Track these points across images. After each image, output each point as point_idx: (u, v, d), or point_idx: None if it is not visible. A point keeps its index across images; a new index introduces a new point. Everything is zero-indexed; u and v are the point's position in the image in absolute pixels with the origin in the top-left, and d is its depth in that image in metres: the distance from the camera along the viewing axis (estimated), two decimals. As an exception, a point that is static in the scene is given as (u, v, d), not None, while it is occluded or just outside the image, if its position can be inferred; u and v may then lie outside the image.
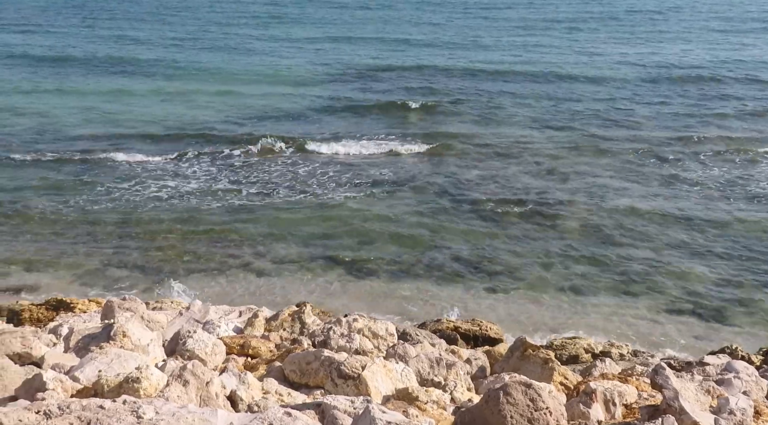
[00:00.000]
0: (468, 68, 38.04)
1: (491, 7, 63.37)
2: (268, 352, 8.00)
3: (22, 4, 61.06)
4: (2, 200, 19.98)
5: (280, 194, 20.93)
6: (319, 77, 35.88)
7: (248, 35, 48.20)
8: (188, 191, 21.05)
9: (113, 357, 6.23)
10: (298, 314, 9.44)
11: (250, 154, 24.54)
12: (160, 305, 10.74)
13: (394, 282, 16.21)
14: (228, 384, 6.20)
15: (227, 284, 15.99)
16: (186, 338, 7.35)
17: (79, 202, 20.04)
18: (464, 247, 17.74)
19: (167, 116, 28.85)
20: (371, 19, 55.98)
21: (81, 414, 4.70)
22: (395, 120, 28.88)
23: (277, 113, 29.49)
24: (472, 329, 11.97)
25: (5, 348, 6.53)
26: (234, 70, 37.38)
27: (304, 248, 17.57)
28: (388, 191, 21.37)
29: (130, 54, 41.01)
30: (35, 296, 14.74)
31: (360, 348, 8.12)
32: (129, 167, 22.99)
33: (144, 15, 56.95)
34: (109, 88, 33.22)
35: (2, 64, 37.96)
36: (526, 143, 25.82)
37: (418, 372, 7.18)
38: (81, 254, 17.14)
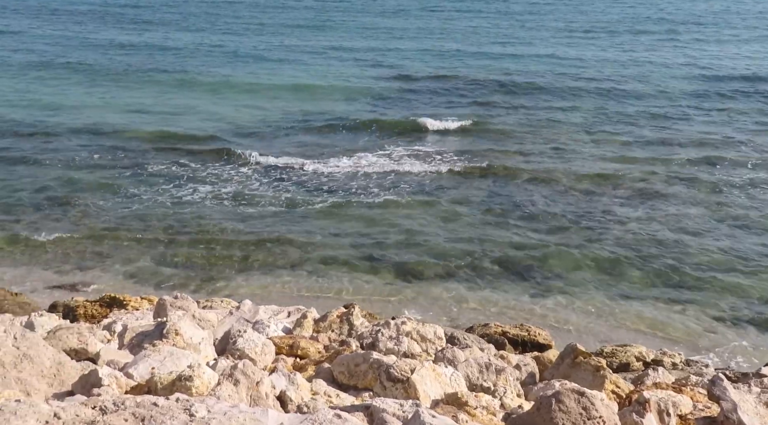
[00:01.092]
0: (509, 74, 37.76)
1: (529, 12, 62.80)
2: (316, 353, 8.03)
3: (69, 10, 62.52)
4: (58, 198, 20.45)
5: (326, 198, 21.00)
6: (360, 84, 35.92)
7: (291, 43, 48.55)
8: (235, 193, 21.27)
9: (166, 354, 6.31)
10: (347, 315, 9.45)
11: (296, 158, 24.68)
12: (210, 304, 10.86)
13: (441, 286, 16.14)
14: (278, 384, 6.23)
15: (275, 285, 16.11)
16: (236, 337, 7.42)
17: (132, 201, 20.42)
18: (511, 253, 17.57)
19: (214, 121, 29.17)
20: (408, 28, 55.86)
21: (135, 410, 4.75)
22: (438, 129, 28.73)
23: (318, 118, 29.61)
24: (521, 334, 11.84)
25: (62, 344, 6.67)
26: (273, 77, 37.66)
27: (351, 251, 17.61)
28: (435, 196, 21.28)
29: (175, 60, 41.64)
30: (89, 293, 15.04)
31: (408, 351, 8.09)
32: (179, 169, 23.34)
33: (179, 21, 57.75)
34: (158, 91, 33.77)
35: (58, 66, 38.87)
36: (572, 150, 25.46)
37: (467, 377, 7.12)
38: (133, 252, 17.45)
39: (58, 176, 22.13)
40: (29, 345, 5.92)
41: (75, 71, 37.30)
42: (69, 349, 6.72)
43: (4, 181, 21.69)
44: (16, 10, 60.40)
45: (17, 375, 5.62)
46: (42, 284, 15.86)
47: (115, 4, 64.79)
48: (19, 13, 58.58)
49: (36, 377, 5.71)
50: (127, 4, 64.71)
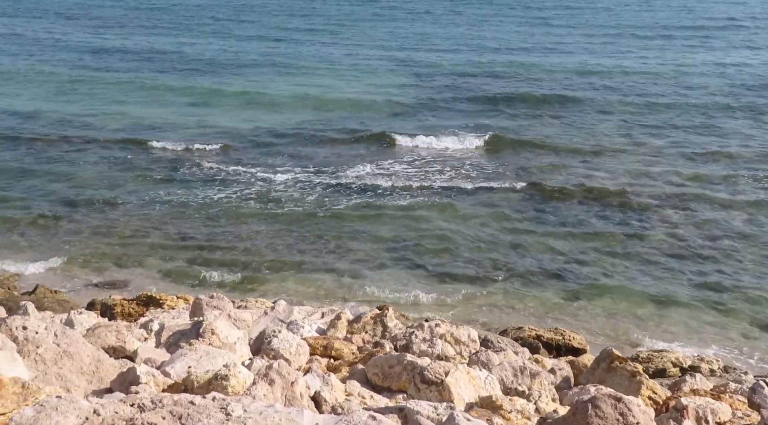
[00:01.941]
0: (549, 72, 37.52)
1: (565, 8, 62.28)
2: (350, 354, 8.04)
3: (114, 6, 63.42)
4: (95, 199, 20.76)
5: (360, 202, 21.03)
6: (397, 79, 35.99)
7: (331, 34, 48.77)
8: (271, 192, 21.41)
9: (202, 353, 6.37)
10: (380, 317, 9.45)
11: (332, 155, 24.79)
12: (245, 304, 10.94)
13: (474, 288, 16.08)
14: (312, 384, 6.25)
15: (308, 286, 16.18)
16: (271, 337, 7.46)
17: (168, 203, 20.65)
18: (546, 255, 17.47)
19: (246, 124, 29.38)
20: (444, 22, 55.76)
21: (173, 408, 4.80)
22: (478, 123, 28.66)
23: (341, 127, 29.66)
24: (555, 338, 11.76)
25: (101, 342, 6.77)
26: (313, 69, 37.90)
27: (384, 254, 17.63)
28: (468, 201, 21.20)
29: (218, 55, 42.06)
30: (126, 291, 15.24)
31: (442, 354, 8.07)
32: (216, 167, 23.55)
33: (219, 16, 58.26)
34: (201, 88, 34.15)
35: (99, 61, 39.44)
36: (614, 150, 25.20)
37: (502, 381, 7.08)
38: (169, 252, 17.65)
39: (96, 178, 22.47)
40: (69, 342, 6.01)
41: (110, 76, 37.82)
42: (107, 347, 6.82)
43: (43, 182, 22.09)
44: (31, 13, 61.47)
45: (58, 372, 5.71)
46: (80, 282, 16.12)
47: (150, 6, 65.60)
48: (34, 16, 59.57)
49: (76, 374, 5.80)
50: (159, 6, 65.48)
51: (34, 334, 5.92)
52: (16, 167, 23.18)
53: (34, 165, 23.46)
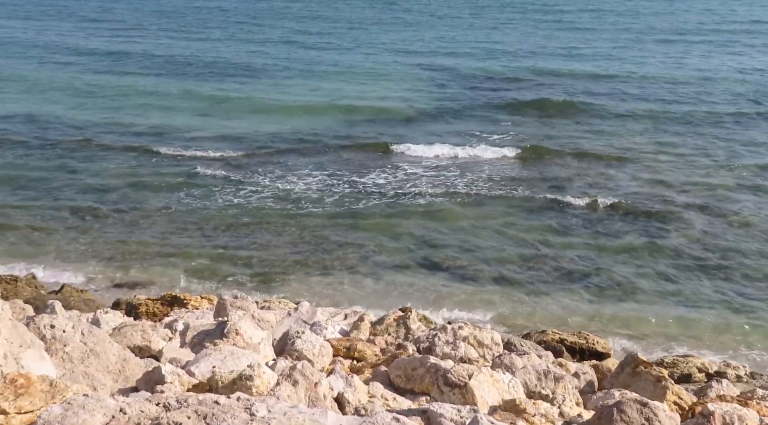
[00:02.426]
0: (571, 76, 37.30)
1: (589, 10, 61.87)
2: (373, 356, 8.05)
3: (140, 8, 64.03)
4: (120, 199, 20.97)
5: (382, 202, 21.04)
6: (421, 82, 35.99)
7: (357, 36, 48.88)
8: (291, 195, 21.47)
9: (227, 354, 6.41)
10: (403, 319, 9.46)
11: (355, 157, 24.82)
12: (269, 304, 10.99)
13: (497, 291, 16.02)
14: (335, 385, 6.27)
15: (331, 287, 16.20)
16: (295, 338, 7.49)
17: (192, 203, 20.80)
18: (570, 257, 17.36)
19: (270, 122, 29.53)
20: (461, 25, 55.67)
21: (198, 408, 4.83)
22: (501, 125, 28.59)
23: (377, 117, 29.76)
24: (579, 342, 11.67)
25: (127, 341, 6.84)
26: (333, 74, 38.00)
27: (407, 255, 17.62)
28: (492, 202, 21.13)
29: (238, 59, 42.31)
30: (150, 291, 15.36)
31: (465, 357, 8.06)
32: (236, 171, 23.66)
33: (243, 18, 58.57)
34: (221, 93, 34.35)
35: (127, 64, 39.85)
36: (638, 156, 24.98)
37: (525, 384, 7.05)
38: (193, 252, 17.76)
39: (120, 181, 22.64)
40: (96, 341, 6.07)
41: (130, 79, 38.17)
42: (133, 346, 6.88)
43: (66, 185, 22.31)
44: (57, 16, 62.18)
45: (84, 370, 5.77)
46: (105, 282, 16.27)
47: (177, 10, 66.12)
48: (62, 19, 60.21)
49: (102, 372, 5.86)
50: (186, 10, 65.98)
51: (61, 333, 5.99)
52: (39, 171, 23.44)
53: (57, 169, 23.69)
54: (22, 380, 4.77)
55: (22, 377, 4.79)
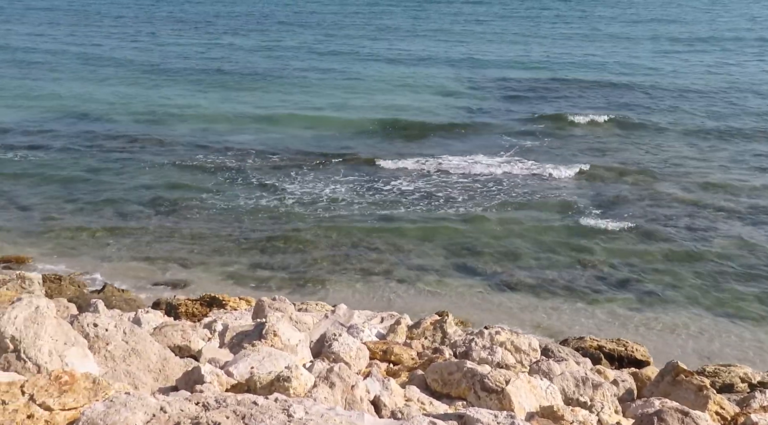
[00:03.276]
0: (612, 86, 36.88)
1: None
2: (410, 360, 8.04)
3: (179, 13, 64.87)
4: (162, 200, 21.27)
5: (420, 206, 21.04)
6: (461, 89, 35.90)
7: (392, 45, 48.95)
8: (331, 199, 21.57)
9: (265, 355, 6.45)
10: (440, 323, 9.43)
11: (392, 165, 24.82)
12: (306, 306, 11.05)
13: (534, 296, 15.91)
14: (372, 388, 6.28)
15: (367, 290, 16.23)
16: (332, 340, 7.51)
17: (232, 205, 21.01)
18: (609, 265, 17.15)
19: (311, 128, 29.71)
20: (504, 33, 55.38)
21: (236, 408, 4.87)
22: (536, 136, 28.38)
23: (414, 124, 29.73)
24: (617, 349, 11.55)
25: (167, 340, 6.93)
26: (370, 81, 38.08)
27: (444, 259, 17.59)
28: (531, 206, 21.00)
29: (273, 64, 42.69)
30: (189, 291, 15.54)
31: (502, 362, 8.01)
32: (277, 174, 23.84)
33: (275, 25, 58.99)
34: (264, 99, 34.67)
35: (168, 70, 40.44)
36: (681, 161, 24.62)
37: (563, 391, 6.99)
38: (231, 253, 17.94)
39: (163, 179, 23.02)
40: (137, 341, 6.17)
41: (180, 77, 38.71)
42: (173, 346, 6.97)
43: (112, 182, 22.74)
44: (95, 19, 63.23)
45: (126, 369, 5.86)
46: (146, 282, 16.50)
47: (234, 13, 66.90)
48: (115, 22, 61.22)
49: (143, 371, 5.94)
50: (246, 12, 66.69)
51: (104, 331, 6.10)
52: (84, 173, 23.88)
53: (100, 172, 24.11)
54: (66, 377, 4.86)
55: (67, 374, 4.88)
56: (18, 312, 5.43)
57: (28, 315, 5.46)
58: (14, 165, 24.36)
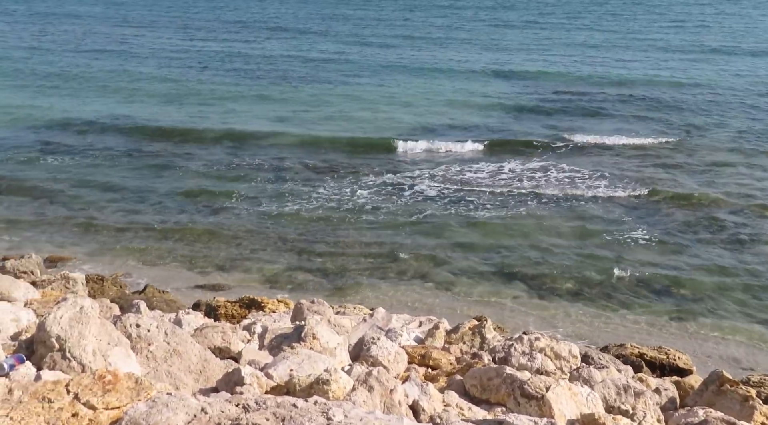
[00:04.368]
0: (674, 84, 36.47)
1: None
2: (448, 364, 8.01)
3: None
4: (200, 201, 21.50)
5: (458, 210, 20.95)
6: (496, 97, 35.77)
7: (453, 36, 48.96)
8: (368, 203, 21.58)
9: (304, 357, 6.48)
10: (479, 328, 9.38)
11: (427, 171, 24.77)
12: (344, 309, 11.06)
13: (573, 302, 15.73)
14: (410, 393, 6.26)
15: (404, 294, 16.19)
16: (370, 344, 7.52)
17: (270, 207, 21.16)
18: (649, 272, 16.89)
19: (351, 127, 29.84)
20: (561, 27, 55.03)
21: (276, 410, 4.89)
22: (576, 144, 28.10)
23: (449, 130, 29.68)
24: (659, 357, 11.35)
25: (208, 342, 6.99)
26: (425, 76, 38.14)
27: (481, 263, 17.48)
28: (569, 211, 20.80)
29: (323, 61, 42.96)
30: (228, 293, 15.66)
31: (542, 368, 7.94)
32: (315, 178, 23.95)
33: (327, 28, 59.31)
34: (305, 97, 34.92)
35: (204, 75, 40.90)
36: (717, 169, 24.14)
37: (604, 398, 6.89)
38: (269, 255, 18.05)
39: (202, 183, 23.26)
40: (178, 341, 6.23)
41: (216, 82, 39.12)
42: (213, 347, 7.03)
43: (152, 185, 23.06)
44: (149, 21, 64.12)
45: (167, 369, 5.93)
46: (185, 283, 16.67)
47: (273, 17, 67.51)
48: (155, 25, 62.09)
49: (184, 372, 6.00)
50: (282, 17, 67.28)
51: (146, 332, 6.18)
52: (123, 173, 24.28)
53: (141, 172, 24.48)
54: (109, 376, 4.93)
55: (110, 374, 4.95)
56: (63, 312, 5.53)
57: (73, 315, 5.56)
58: (57, 168, 24.83)
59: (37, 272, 13.53)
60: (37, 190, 22.54)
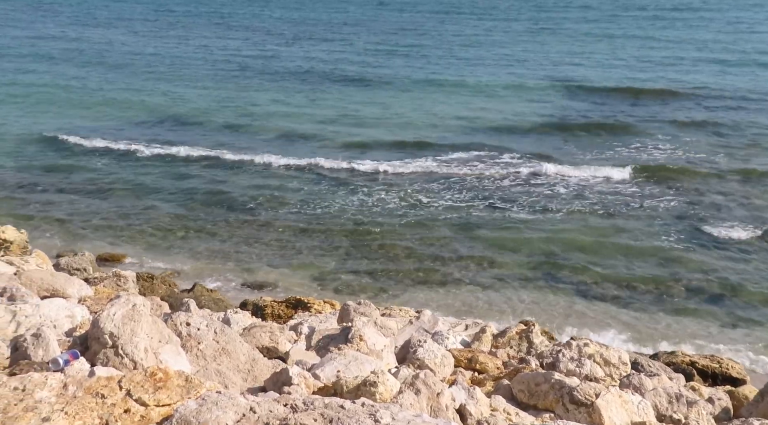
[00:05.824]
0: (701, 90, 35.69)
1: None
2: (495, 369, 7.94)
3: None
4: (249, 202, 21.71)
5: (506, 213, 20.79)
6: (556, 93, 35.42)
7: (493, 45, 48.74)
8: (418, 202, 21.57)
9: (351, 359, 6.48)
10: (526, 333, 9.28)
11: (481, 169, 24.68)
12: (389, 312, 11.04)
13: (620, 308, 15.48)
14: (457, 397, 6.22)
15: (449, 297, 16.12)
16: (417, 347, 7.49)
17: (318, 208, 21.27)
18: (703, 278, 16.53)
19: (401, 127, 29.86)
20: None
21: (324, 411, 4.89)
22: (632, 143, 27.70)
23: (511, 128, 29.51)
24: (711, 365, 11.10)
25: (256, 341, 7.04)
26: (469, 83, 37.98)
27: (527, 267, 17.33)
28: (620, 215, 20.48)
29: (368, 64, 43.09)
30: (274, 293, 15.78)
31: (591, 375, 7.81)
32: (362, 177, 24.01)
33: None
34: (357, 98, 35.05)
35: (257, 74, 41.32)
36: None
37: (656, 407, 6.76)
38: (314, 257, 18.13)
39: (250, 183, 23.52)
40: (227, 340, 6.28)
41: (271, 80, 39.48)
42: (261, 347, 7.07)
43: (201, 184, 23.37)
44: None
45: (216, 368, 5.98)
46: (232, 282, 16.85)
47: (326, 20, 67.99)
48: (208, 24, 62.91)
49: (233, 371, 6.05)
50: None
51: (196, 330, 6.24)
52: (173, 173, 24.65)
53: (189, 172, 24.84)
54: (160, 374, 4.99)
55: (161, 371, 5.01)
56: (117, 309, 5.62)
57: (126, 313, 5.64)
58: (109, 168, 25.32)
59: (89, 270, 13.81)
60: (90, 188, 23.06)
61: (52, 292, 8.82)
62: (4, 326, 6.44)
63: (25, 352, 5.76)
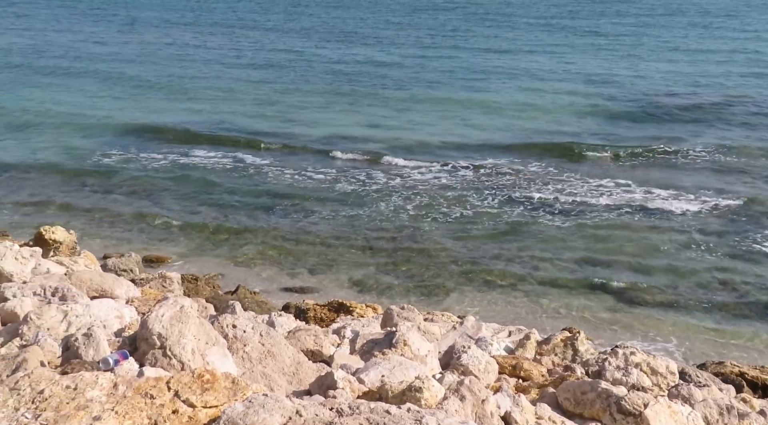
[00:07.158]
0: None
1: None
2: (540, 376, 7.86)
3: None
4: (292, 207, 21.83)
5: (549, 218, 20.60)
6: (591, 104, 35.08)
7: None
8: (459, 207, 21.46)
9: (395, 364, 6.46)
10: (571, 340, 9.17)
11: (524, 172, 24.50)
12: (432, 317, 11.01)
13: (667, 315, 15.22)
14: (502, 404, 6.16)
15: (492, 302, 16.01)
16: (461, 353, 7.45)
17: (360, 212, 21.31)
18: (751, 285, 16.17)
19: (443, 130, 29.79)
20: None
21: (369, 416, 4.88)
22: (679, 151, 27.28)
23: (555, 128, 29.28)
24: (761, 377, 10.84)
25: (300, 344, 7.07)
26: (514, 86, 37.84)
27: (571, 273, 17.14)
28: (668, 220, 20.15)
29: (413, 65, 43.13)
30: (316, 296, 15.83)
31: (638, 384, 7.68)
32: (405, 181, 24.00)
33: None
34: (394, 100, 35.11)
35: (299, 79, 41.59)
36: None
37: (706, 418, 6.61)
38: (357, 260, 18.15)
39: (292, 186, 23.64)
40: (273, 343, 6.32)
41: (309, 85, 39.71)
42: (305, 350, 7.10)
43: (244, 187, 23.57)
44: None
45: (262, 370, 6.02)
46: (274, 285, 16.95)
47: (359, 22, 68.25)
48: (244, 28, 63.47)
49: (278, 373, 6.08)
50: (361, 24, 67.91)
51: (242, 333, 6.29)
52: (215, 175, 24.89)
53: (232, 174, 25.07)
54: (208, 376, 5.03)
55: (208, 373, 5.06)
56: (165, 311, 5.68)
57: (174, 314, 5.71)
58: (152, 169, 25.67)
59: (136, 271, 14.02)
60: (135, 190, 23.41)
61: (101, 292, 8.97)
62: (56, 325, 6.56)
63: (76, 351, 5.86)
